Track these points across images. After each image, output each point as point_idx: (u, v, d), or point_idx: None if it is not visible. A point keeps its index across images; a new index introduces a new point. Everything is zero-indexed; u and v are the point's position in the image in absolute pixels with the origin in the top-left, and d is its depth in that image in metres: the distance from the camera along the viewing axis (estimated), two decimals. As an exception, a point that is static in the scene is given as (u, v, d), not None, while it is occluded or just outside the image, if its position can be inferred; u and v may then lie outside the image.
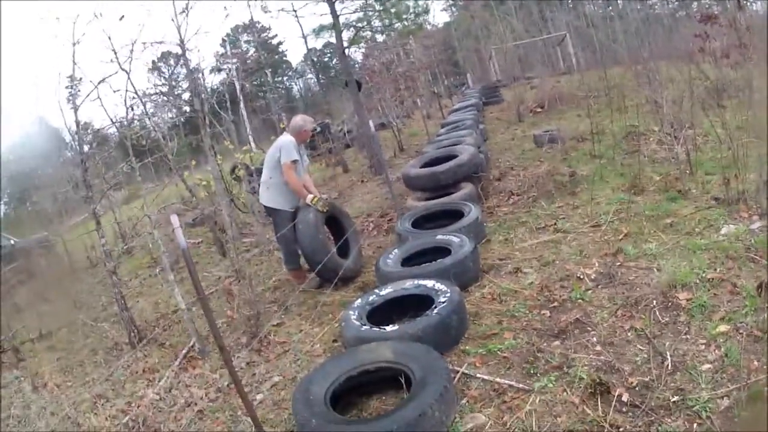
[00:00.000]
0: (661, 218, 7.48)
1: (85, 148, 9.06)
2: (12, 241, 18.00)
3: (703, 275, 5.56)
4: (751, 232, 6.41)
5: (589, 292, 5.89)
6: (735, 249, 6.03)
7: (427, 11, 18.23)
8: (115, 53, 10.02)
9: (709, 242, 6.37)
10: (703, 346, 4.51)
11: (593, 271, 6.34)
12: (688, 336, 4.70)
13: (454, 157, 10.33)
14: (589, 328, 5.17)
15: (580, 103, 18.31)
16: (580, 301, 5.73)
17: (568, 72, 32.69)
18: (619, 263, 6.39)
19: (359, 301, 6.06)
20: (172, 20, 11.05)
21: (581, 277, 6.28)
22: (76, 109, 7.91)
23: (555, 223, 8.32)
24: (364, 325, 5.44)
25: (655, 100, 11.03)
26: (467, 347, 5.30)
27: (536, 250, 7.51)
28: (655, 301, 5.32)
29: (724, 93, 13.45)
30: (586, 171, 10.63)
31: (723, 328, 4.64)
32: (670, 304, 5.22)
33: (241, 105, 23.42)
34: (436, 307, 5.38)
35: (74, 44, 7.83)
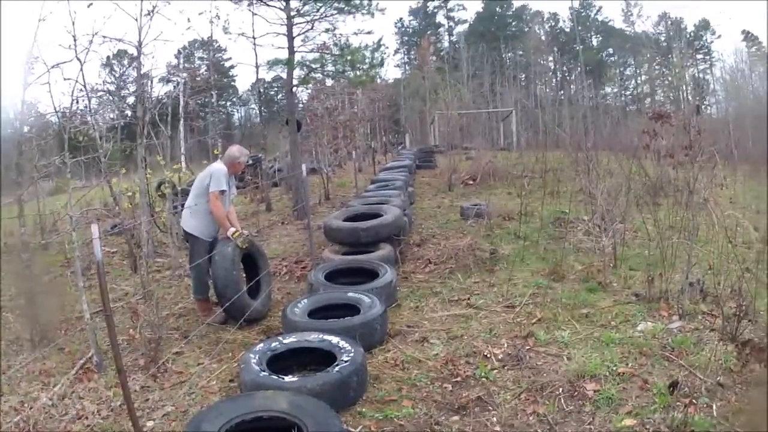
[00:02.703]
0: (578, 307, 7.61)
1: (25, 129, 8.95)
2: None
3: (614, 368, 5.67)
4: (669, 331, 6.57)
5: (495, 371, 5.94)
6: (650, 346, 6.17)
7: (382, 64, 18.56)
8: (75, 40, 9.94)
9: (623, 337, 6.50)
10: (606, 439, 4.58)
11: (501, 352, 6.41)
12: (591, 426, 4.76)
13: (379, 216, 10.47)
14: (490, 408, 5.21)
15: (513, 182, 18.68)
16: (484, 379, 5.77)
17: (507, 149, 33.40)
18: (528, 347, 6.47)
19: (261, 345, 6.04)
20: (136, 20, 11.05)
21: (488, 355, 6.33)
22: (25, 87, 7.81)
23: (469, 298, 8.41)
24: (264, 371, 5.41)
25: (590, 191, 11.30)
26: (364, 409, 5.30)
27: (446, 322, 7.56)
28: (561, 389, 5.38)
29: (661, 191, 13.86)
30: (508, 250, 10.83)
31: (629, 422, 4.72)
32: (576, 393, 5.29)
33: (181, 122, 23.30)
34: (337, 365, 5.39)
35: (39, 20, 7.76)
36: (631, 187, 11.15)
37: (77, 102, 11.37)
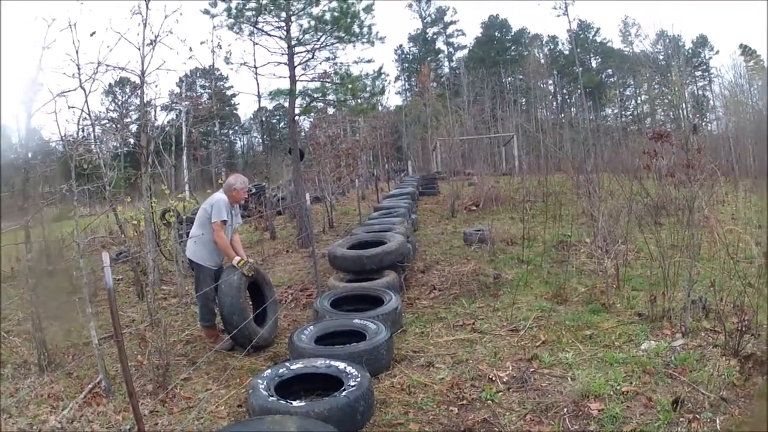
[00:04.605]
0: (581, 329, 7.70)
1: (29, 155, 9.04)
2: None
3: (618, 387, 5.76)
4: (672, 349, 6.66)
5: (500, 394, 6.02)
6: (653, 364, 6.26)
7: (383, 92, 18.69)
8: (79, 69, 10.09)
9: (627, 356, 6.59)
10: (610, 457, 4.65)
11: (506, 374, 6.48)
12: (595, 445, 4.84)
13: (383, 243, 10.61)
14: (496, 429, 5.28)
15: (516, 206, 18.79)
16: (489, 402, 5.85)
17: (509, 174, 33.49)
18: (533, 369, 6.55)
19: (269, 371, 6.10)
20: (138, 49, 11.18)
21: (493, 378, 6.41)
22: (30, 115, 7.93)
23: (473, 323, 8.49)
24: (272, 396, 5.47)
25: (592, 213, 11.39)
26: (371, 434, 5.37)
27: (451, 346, 7.65)
28: (565, 409, 5.46)
29: (662, 210, 13.96)
30: (512, 275, 10.92)
31: (633, 439, 4.80)
32: (580, 413, 5.37)
33: (184, 151, 23.44)
34: (345, 390, 5.45)
35: (44, 48, 7.88)
36: (632, 208, 11.24)
37: (83, 130, 11.48)
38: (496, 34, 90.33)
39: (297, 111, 17.85)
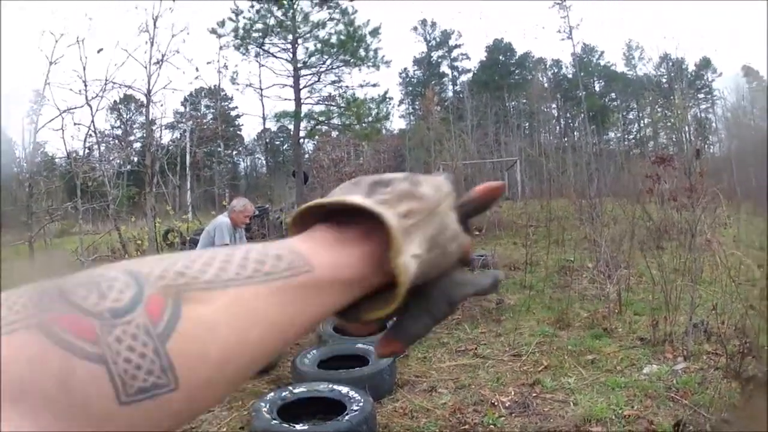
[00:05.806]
0: (584, 354, 7.73)
1: (34, 169, 9.10)
2: None
3: (620, 412, 5.79)
4: (673, 372, 6.69)
5: (502, 419, 6.04)
6: (655, 388, 6.30)
7: (387, 117, 18.82)
8: (86, 85, 10.13)
9: (629, 380, 6.62)
10: (611, 481, 4.67)
11: (508, 399, 6.51)
12: (596, 469, 4.86)
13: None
14: (497, 455, 5.31)
15: (518, 231, 18.82)
16: (492, 426, 5.87)
17: (512, 198, 33.54)
18: (535, 394, 6.58)
19: (272, 394, 6.12)
20: (145, 67, 11.23)
21: (495, 403, 6.43)
22: (36, 129, 7.98)
23: (476, 348, 8.51)
24: (275, 419, 5.48)
25: (594, 239, 11.43)
26: (372, 459, 5.39)
27: (453, 372, 7.67)
28: (567, 434, 5.49)
29: (665, 234, 13.98)
30: (514, 300, 10.94)
31: (634, 463, 4.83)
32: (582, 437, 5.40)
33: (188, 171, 23.60)
34: (347, 414, 5.46)
35: (51, 63, 7.93)
36: (635, 232, 11.28)
37: (90, 149, 11.55)
38: (501, 57, 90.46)
39: (302, 134, 18.01)
